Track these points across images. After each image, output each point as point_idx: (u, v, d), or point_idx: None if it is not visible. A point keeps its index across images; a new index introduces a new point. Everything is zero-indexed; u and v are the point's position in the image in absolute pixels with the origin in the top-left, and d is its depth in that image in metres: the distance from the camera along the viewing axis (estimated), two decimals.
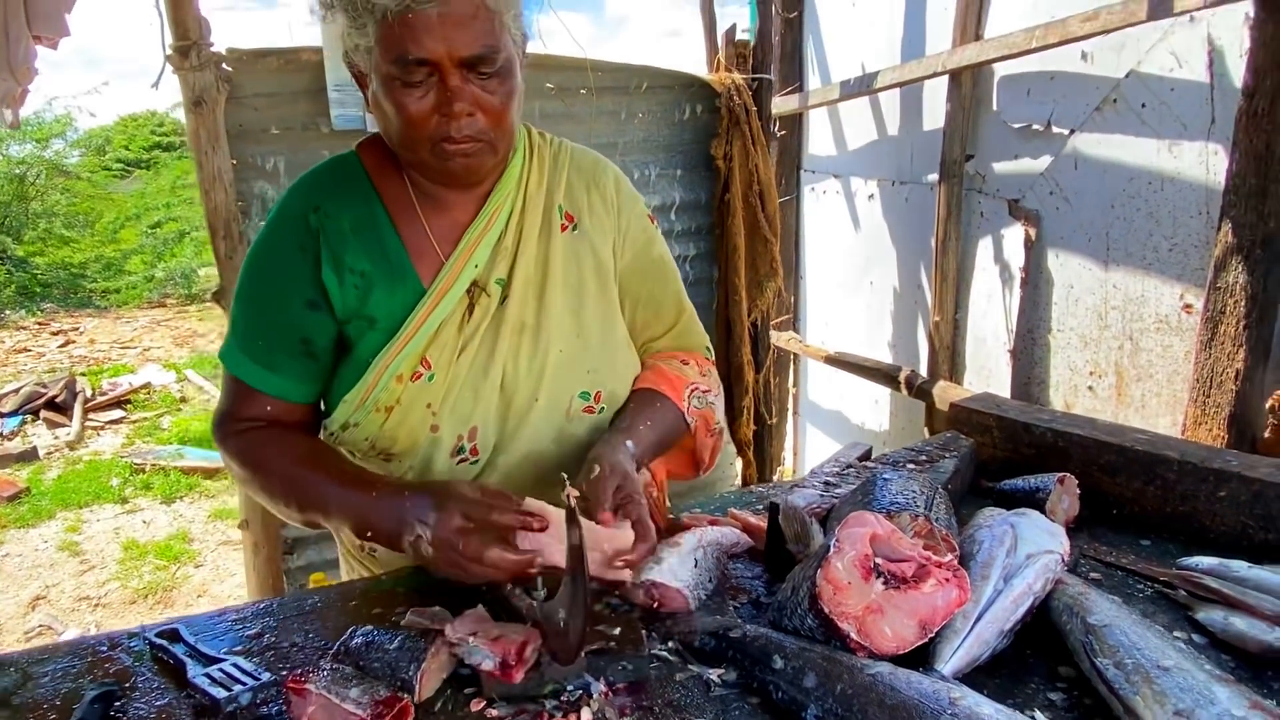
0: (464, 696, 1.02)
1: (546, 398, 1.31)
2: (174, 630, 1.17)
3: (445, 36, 1.06)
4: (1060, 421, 1.61)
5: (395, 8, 1.05)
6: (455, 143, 1.12)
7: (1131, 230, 2.38)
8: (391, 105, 1.10)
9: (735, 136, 3.26)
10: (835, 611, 0.99)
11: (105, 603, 4.00)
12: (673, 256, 1.50)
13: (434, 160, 1.15)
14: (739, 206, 3.30)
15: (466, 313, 1.26)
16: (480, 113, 1.12)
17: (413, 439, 1.28)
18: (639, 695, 1.01)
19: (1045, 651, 1.07)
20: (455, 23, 1.06)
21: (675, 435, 1.37)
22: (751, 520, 1.42)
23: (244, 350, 1.26)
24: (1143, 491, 1.45)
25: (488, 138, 1.14)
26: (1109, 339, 2.50)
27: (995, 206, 2.88)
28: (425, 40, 1.06)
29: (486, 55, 1.09)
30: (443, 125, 1.10)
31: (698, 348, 1.50)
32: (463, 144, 1.12)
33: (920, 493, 1.21)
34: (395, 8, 1.05)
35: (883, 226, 3.56)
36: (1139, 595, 1.21)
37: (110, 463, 5.86)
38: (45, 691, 1.06)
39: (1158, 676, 0.91)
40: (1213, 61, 2.10)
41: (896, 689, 0.90)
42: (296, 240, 1.23)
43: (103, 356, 9.31)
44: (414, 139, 1.13)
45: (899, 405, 3.60)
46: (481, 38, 1.08)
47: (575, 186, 1.34)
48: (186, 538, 4.69)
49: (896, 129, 3.42)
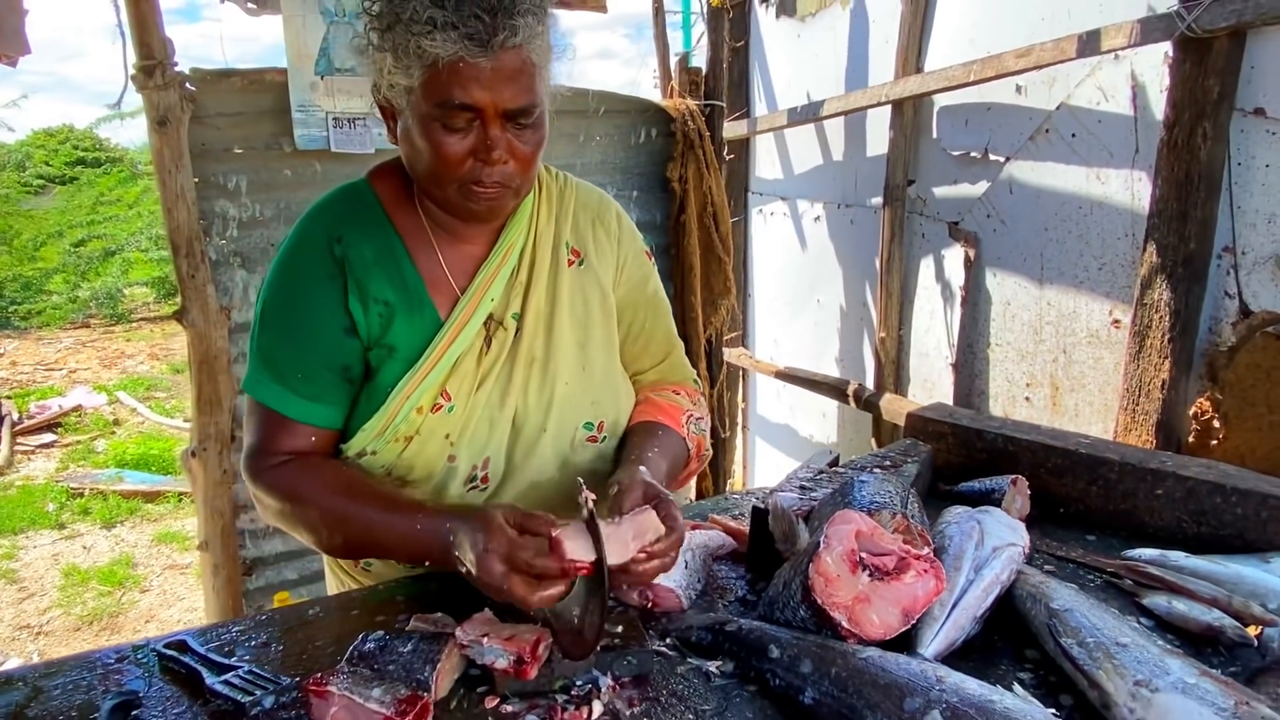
0: (477, 695, 1.07)
1: (554, 428, 1.34)
2: (182, 641, 1.18)
3: (493, 87, 1.09)
4: (1009, 428, 1.73)
5: (448, 58, 1.07)
6: (484, 186, 1.15)
7: (1064, 251, 2.55)
8: (427, 144, 1.12)
9: (690, 160, 3.37)
10: (827, 602, 1.08)
11: (47, 630, 3.85)
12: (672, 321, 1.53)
13: (459, 200, 1.18)
14: (694, 227, 3.41)
15: (484, 345, 1.28)
16: (512, 160, 1.15)
17: (429, 468, 1.30)
18: (645, 688, 1.07)
19: (1011, 636, 1.17)
20: (504, 76, 1.09)
21: (682, 462, 1.41)
22: (732, 524, 1.50)
23: (281, 383, 1.24)
24: (1087, 491, 1.57)
25: (514, 183, 1.17)
26: (1044, 352, 2.66)
27: (936, 228, 3.04)
28: (474, 89, 1.09)
29: (528, 108, 1.13)
30: (475, 169, 1.13)
31: (686, 380, 1.55)
32: (490, 189, 1.15)
33: (896, 492, 1.31)
34: (448, 58, 1.07)
35: (829, 247, 3.71)
36: (1090, 585, 1.31)
37: (44, 487, 5.64)
38: (59, 704, 1.07)
39: (1117, 652, 1.01)
40: (1136, 95, 2.28)
41: (888, 670, 0.98)
42: (324, 270, 1.23)
43: (26, 379, 8.94)
44: (444, 178, 1.15)
45: (847, 417, 3.74)
46: (525, 92, 1.12)
47: (581, 222, 1.38)
48: (130, 562, 4.55)
49: (841, 154, 3.57)
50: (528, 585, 0.99)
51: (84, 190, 14.28)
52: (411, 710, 0.97)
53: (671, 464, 1.36)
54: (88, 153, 18.56)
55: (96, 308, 12.19)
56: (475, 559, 1.02)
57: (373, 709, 0.97)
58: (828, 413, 3.88)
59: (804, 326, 4.00)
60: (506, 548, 1.01)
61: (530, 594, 0.99)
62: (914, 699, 0.93)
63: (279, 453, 1.24)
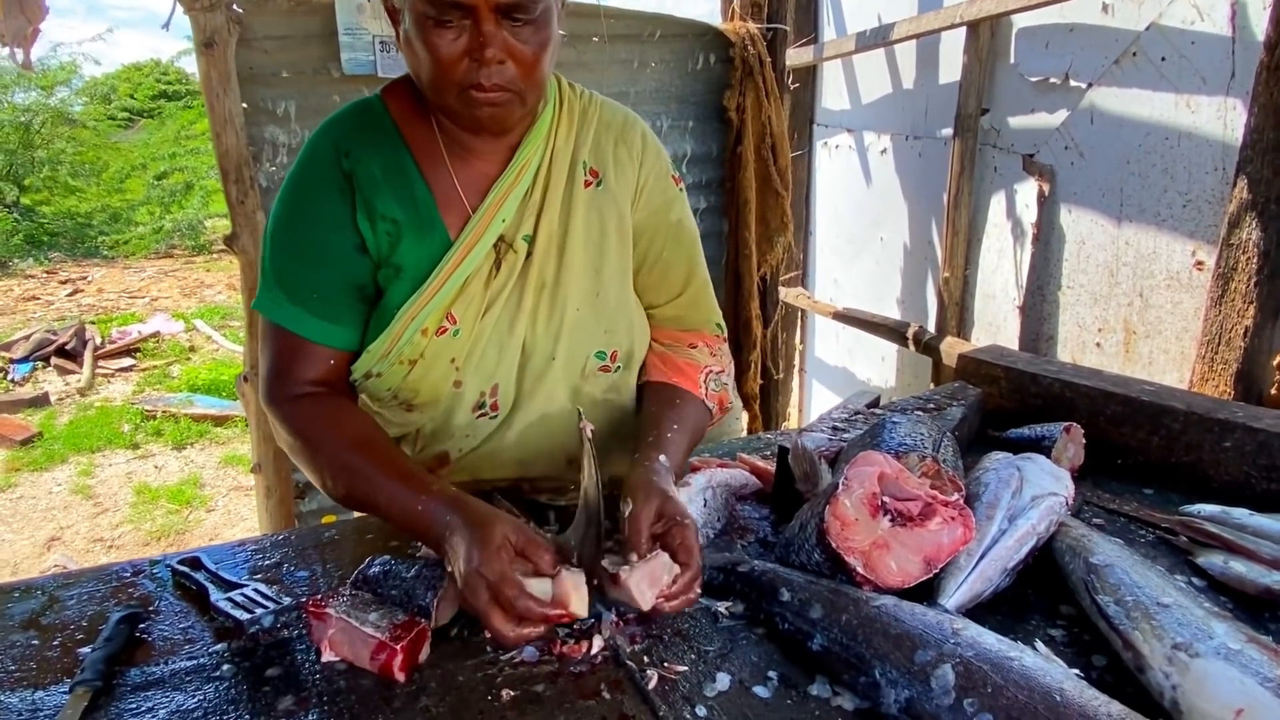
0: (477, 625, 1.05)
1: (563, 357, 1.29)
2: (195, 558, 1.20)
3: None
4: (1067, 373, 1.62)
5: None
6: (484, 90, 1.08)
7: (1146, 186, 2.36)
8: (422, 45, 1.07)
9: (749, 88, 3.22)
10: (842, 546, 1.02)
11: (119, 545, 4.06)
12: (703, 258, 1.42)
13: (461, 107, 1.11)
14: (751, 159, 3.28)
15: (493, 268, 1.23)
16: (511, 61, 1.08)
17: (435, 392, 1.27)
18: (648, 624, 1.04)
19: (1047, 591, 1.10)
20: None
21: (702, 428, 1.34)
22: (760, 464, 1.45)
23: (297, 303, 1.19)
24: (1147, 442, 1.46)
25: (517, 88, 1.10)
26: (1119, 295, 2.49)
27: (1009, 161, 2.86)
28: None
29: (524, 3, 1.05)
30: (472, 71, 1.07)
31: (704, 324, 1.43)
32: (491, 93, 1.08)
33: (928, 435, 1.23)
34: None
35: (895, 182, 3.54)
36: (1141, 540, 1.23)
37: (121, 409, 5.92)
38: (72, 614, 1.09)
39: (1156, 613, 0.93)
40: (1235, 14, 2.07)
41: (900, 620, 0.93)
42: (334, 185, 1.19)
43: (111, 306, 9.34)
44: (442, 83, 1.09)
45: (906, 361, 3.61)
46: None
47: (602, 142, 1.30)
48: (198, 483, 4.74)
49: (912, 82, 3.38)
50: (506, 621, 0.92)
51: (167, 123, 14.63)
52: (406, 636, 0.96)
53: (692, 437, 1.28)
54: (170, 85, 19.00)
55: (179, 239, 12.62)
56: (463, 574, 0.96)
57: (368, 633, 0.96)
58: (886, 356, 3.75)
59: (865, 266, 3.85)
60: (497, 576, 0.93)
61: (506, 631, 0.92)
62: (925, 651, 0.88)
63: (297, 378, 1.21)
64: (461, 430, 1.31)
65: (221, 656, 1.00)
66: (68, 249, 12.48)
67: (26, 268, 11.49)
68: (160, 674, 0.97)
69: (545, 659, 0.99)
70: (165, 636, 1.04)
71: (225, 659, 0.99)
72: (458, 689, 0.94)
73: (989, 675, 0.83)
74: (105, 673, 0.95)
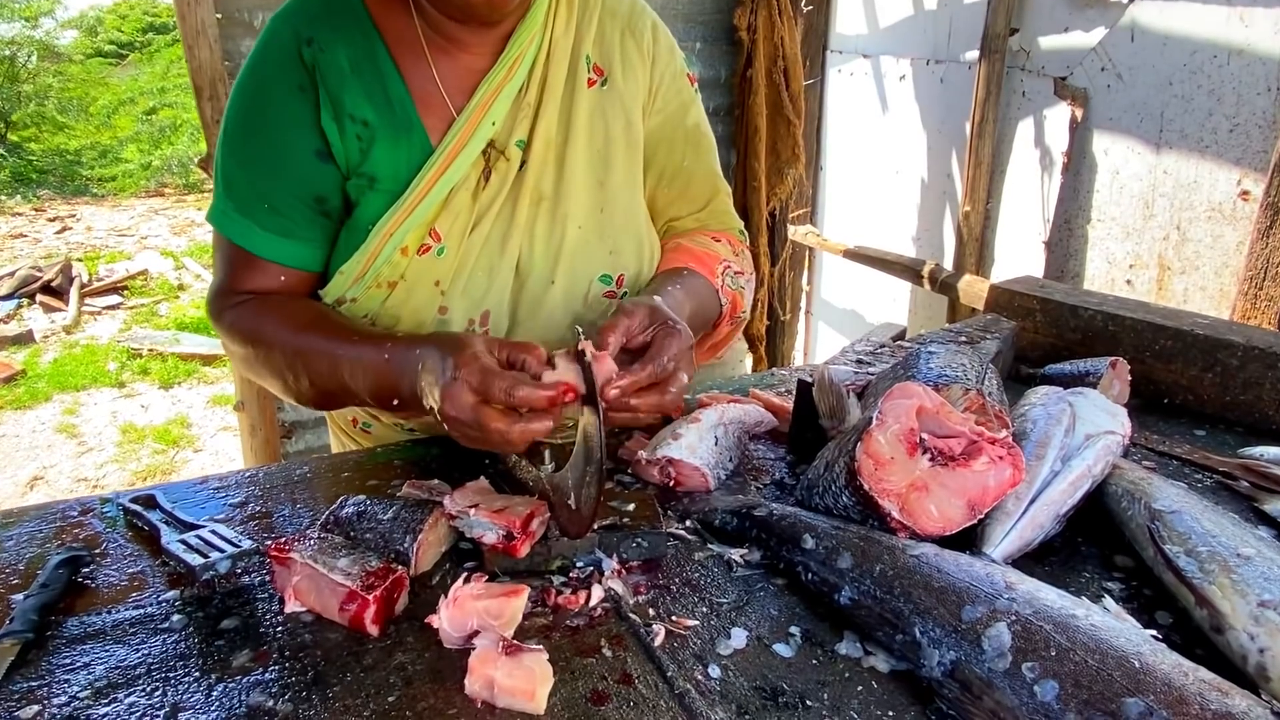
0: (464, 571, 0.94)
1: (563, 280, 1.16)
2: (150, 496, 1.08)
3: None
4: (1110, 304, 1.49)
5: None
6: None
7: (1189, 109, 2.20)
8: None
9: (760, 6, 3.02)
10: (876, 488, 0.89)
11: (103, 484, 3.97)
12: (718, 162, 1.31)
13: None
14: (761, 84, 3.09)
15: (482, 178, 1.09)
16: None
17: (418, 319, 1.13)
18: (655, 574, 0.93)
19: (1099, 539, 0.99)
20: None
21: (709, 309, 1.21)
22: (775, 400, 1.32)
23: (246, 214, 1.08)
24: (1200, 379, 1.34)
25: None
26: (1154, 228, 2.35)
27: (1039, 85, 2.68)
28: None
29: None
30: None
31: (730, 229, 1.33)
32: None
33: (971, 366, 1.10)
34: None
35: (913, 109, 3.36)
36: (1197, 486, 1.11)
37: (107, 347, 5.80)
38: (8, 556, 0.98)
39: (1238, 565, 0.81)
40: None
41: (945, 570, 0.81)
42: (294, 79, 1.04)
43: (100, 244, 9.15)
44: None
45: (920, 301, 3.47)
46: None
47: (608, 33, 1.16)
48: (185, 423, 4.64)
49: (935, 2, 3.17)
50: (505, 417, 0.83)
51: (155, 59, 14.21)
52: (380, 585, 0.84)
53: (697, 308, 1.16)
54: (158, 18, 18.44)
55: (169, 176, 12.34)
56: (440, 388, 0.85)
57: (337, 581, 0.85)
58: (898, 297, 3.61)
59: (879, 201, 3.69)
60: (480, 376, 0.84)
61: (509, 427, 0.83)
62: (975, 607, 0.76)
63: (245, 292, 1.09)
64: None
65: (172, 606, 0.88)
66: (56, 186, 12.23)
67: (14, 205, 11.26)
68: (101, 624, 0.85)
69: (539, 610, 0.87)
70: (111, 583, 0.93)
71: (176, 609, 0.88)
72: (438, 644, 0.82)
73: (1052, 636, 0.71)
74: (38, 623, 0.84)
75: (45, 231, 9.83)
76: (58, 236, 9.61)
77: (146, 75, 13.65)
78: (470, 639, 0.81)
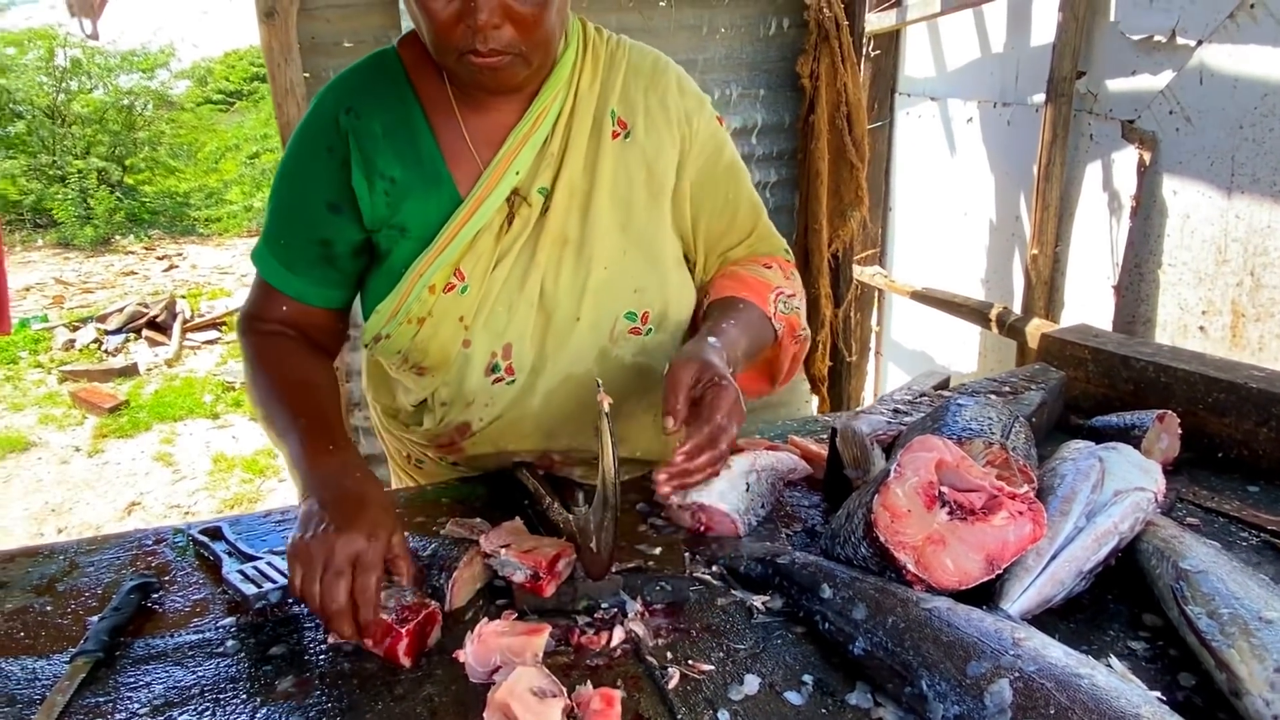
0: (496, 608, 0.99)
1: (589, 317, 1.23)
2: (216, 528, 1.17)
3: None
4: (1164, 355, 1.46)
5: None
6: (481, 56, 1.02)
7: (1261, 153, 2.13)
8: (418, 8, 1.02)
9: (824, 53, 3.05)
10: (892, 540, 0.91)
11: (194, 511, 4.19)
12: (752, 184, 1.39)
13: (462, 71, 1.07)
14: (824, 129, 3.11)
15: (505, 223, 1.18)
16: (509, 24, 1.01)
17: (444, 353, 1.22)
18: (676, 617, 0.96)
19: (1130, 598, 0.97)
20: None
21: (763, 340, 1.28)
22: (812, 448, 1.34)
23: (270, 249, 1.22)
24: (1255, 433, 1.30)
25: (517, 50, 1.04)
26: (1227, 274, 2.27)
27: (1107, 128, 2.64)
28: None
29: None
30: (467, 36, 1.01)
31: (777, 251, 1.41)
32: (490, 58, 1.03)
33: (997, 420, 1.11)
34: None
35: (981, 152, 3.33)
36: (1243, 544, 1.08)
37: (204, 380, 6.13)
38: (88, 581, 1.07)
39: (1258, 629, 0.80)
40: None
41: (954, 625, 0.82)
42: (325, 141, 1.17)
43: (203, 281, 9.70)
44: (440, 47, 1.05)
45: (989, 345, 3.41)
46: None
47: (631, 89, 1.23)
48: (272, 453, 4.86)
49: (1001, 45, 3.16)
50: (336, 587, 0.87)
51: (260, 106, 15.12)
52: (413, 619, 0.90)
53: (752, 341, 1.24)
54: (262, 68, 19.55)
55: None
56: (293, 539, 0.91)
57: None
58: (968, 339, 3.55)
59: (948, 243, 3.65)
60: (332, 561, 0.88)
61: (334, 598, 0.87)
62: (980, 663, 0.77)
63: (262, 317, 1.24)
64: (479, 397, 1.25)
65: (228, 632, 0.96)
66: (166, 226, 13.04)
67: (128, 244, 12.04)
68: (164, 647, 0.93)
69: (561, 649, 0.91)
70: (176, 608, 1.01)
71: (231, 634, 0.96)
72: (464, 678, 0.87)
73: (1052, 694, 0.72)
74: (109, 644, 0.92)
75: (154, 269, 10.47)
76: (165, 274, 10.23)
77: (251, 122, 14.53)
78: (493, 674, 0.86)
